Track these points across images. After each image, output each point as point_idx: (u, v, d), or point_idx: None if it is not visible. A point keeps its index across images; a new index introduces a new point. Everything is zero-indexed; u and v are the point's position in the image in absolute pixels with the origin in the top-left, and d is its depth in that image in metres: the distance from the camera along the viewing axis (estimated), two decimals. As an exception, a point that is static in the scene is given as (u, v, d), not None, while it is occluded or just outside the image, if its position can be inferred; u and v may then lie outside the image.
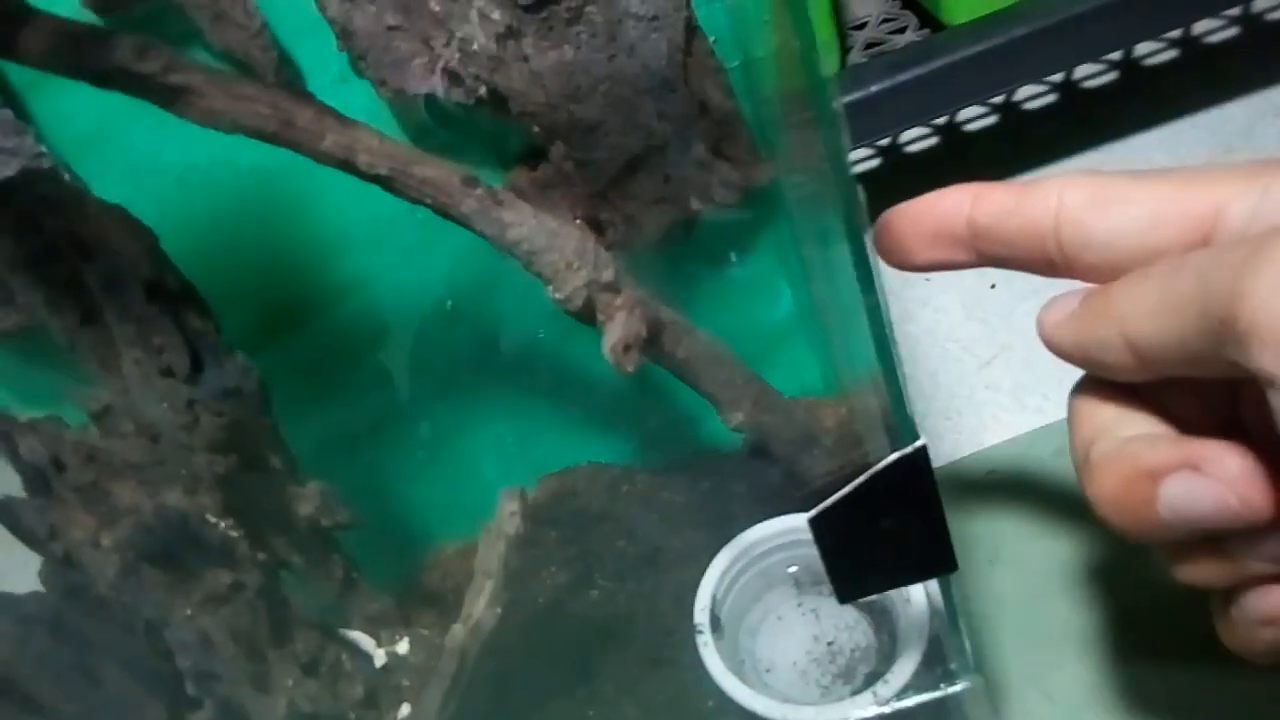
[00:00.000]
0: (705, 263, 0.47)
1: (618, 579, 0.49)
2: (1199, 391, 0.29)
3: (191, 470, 0.38)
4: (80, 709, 0.37)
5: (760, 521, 0.48)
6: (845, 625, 0.47)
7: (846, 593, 0.36)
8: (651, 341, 0.39)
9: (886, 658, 0.44)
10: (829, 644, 0.46)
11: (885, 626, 0.46)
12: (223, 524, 0.40)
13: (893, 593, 0.45)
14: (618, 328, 0.36)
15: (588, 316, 0.38)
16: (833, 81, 0.26)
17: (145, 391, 0.36)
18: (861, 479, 0.33)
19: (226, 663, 0.40)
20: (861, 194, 0.28)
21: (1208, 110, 0.77)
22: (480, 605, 0.39)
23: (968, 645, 0.39)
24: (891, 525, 0.34)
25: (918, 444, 0.32)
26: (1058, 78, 0.76)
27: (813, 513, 0.33)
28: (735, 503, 0.50)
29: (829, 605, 0.48)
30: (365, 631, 0.49)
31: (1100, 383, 0.30)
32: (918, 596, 0.43)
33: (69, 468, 0.39)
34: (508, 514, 0.39)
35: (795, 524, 0.47)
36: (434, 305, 0.48)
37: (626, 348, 0.35)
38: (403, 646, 0.50)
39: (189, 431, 0.37)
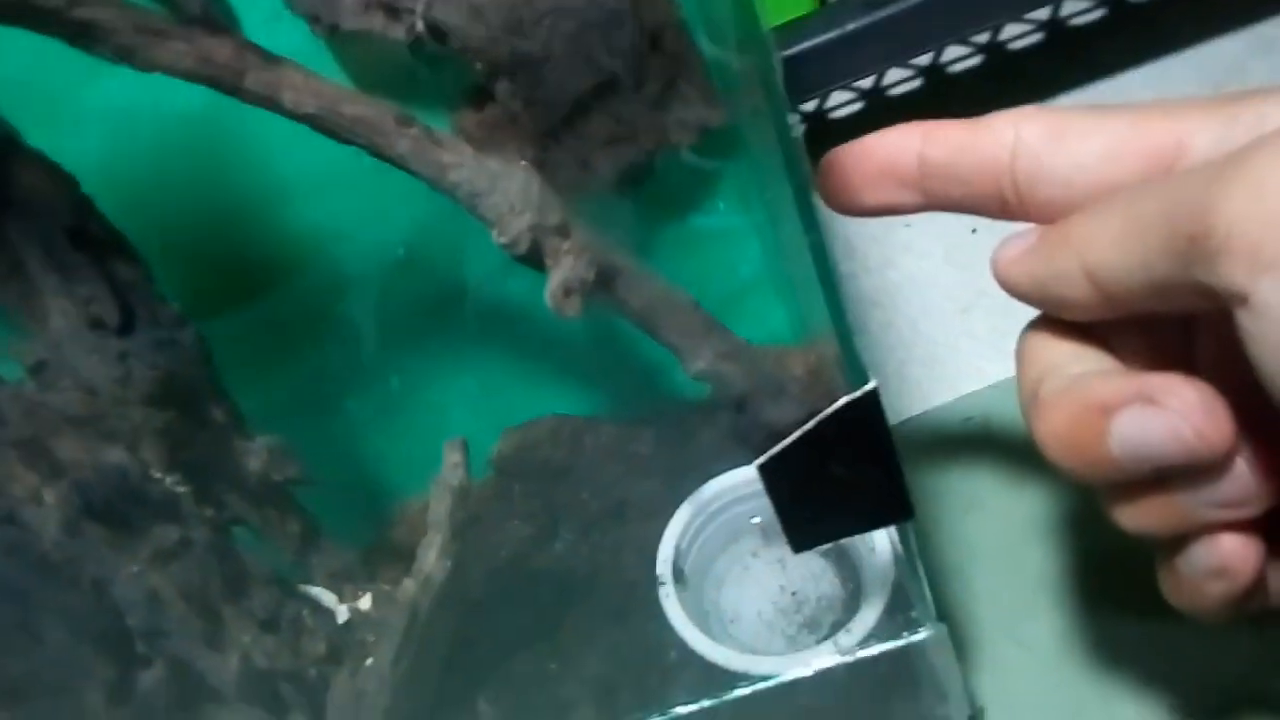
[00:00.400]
0: (666, 208, 0.46)
1: (581, 532, 0.48)
2: (1154, 332, 0.28)
3: (131, 425, 0.37)
4: (24, 669, 0.37)
5: (725, 472, 0.47)
6: (811, 575, 0.46)
7: (800, 541, 0.35)
8: (605, 287, 0.38)
9: (852, 607, 0.44)
10: (794, 594, 0.46)
11: (851, 576, 0.46)
12: (167, 479, 0.39)
13: (858, 541, 0.44)
14: (561, 271, 0.35)
15: (535, 261, 0.36)
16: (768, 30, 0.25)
17: (76, 344, 0.35)
18: (810, 424, 0.32)
19: (177, 620, 0.40)
20: (799, 127, 0.27)
21: (1197, 46, 0.75)
22: (430, 559, 0.39)
23: (928, 594, 0.38)
24: (845, 471, 0.33)
25: (868, 387, 0.31)
26: (1043, 14, 0.74)
27: (761, 459, 0.32)
28: (700, 454, 0.49)
29: (795, 556, 0.47)
30: (327, 588, 0.48)
31: (1053, 321, 0.29)
32: (882, 545, 0.43)
33: (8, 422, 0.38)
34: (451, 465, 0.38)
35: (751, 474, 0.46)
36: (388, 255, 0.46)
37: (568, 292, 0.33)
38: (365, 602, 0.49)
39: (123, 385, 0.36)
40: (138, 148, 0.40)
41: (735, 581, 0.47)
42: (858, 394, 0.31)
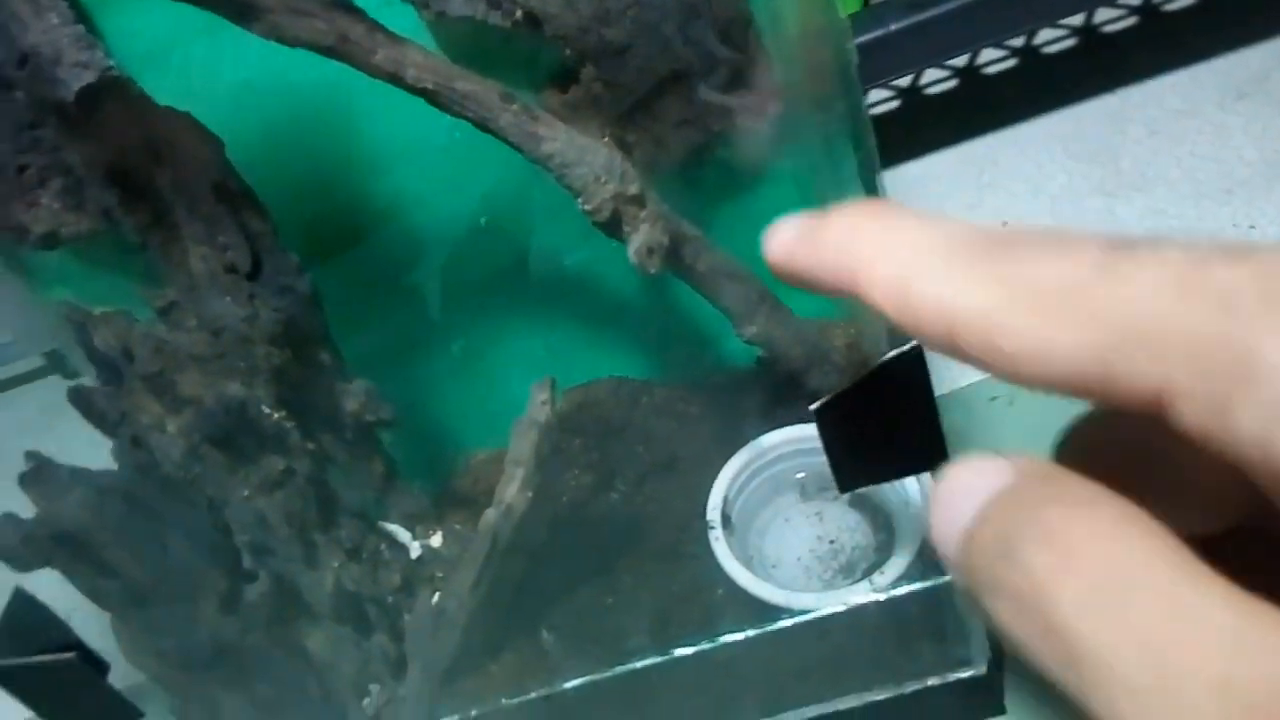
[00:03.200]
0: (727, 186, 0.50)
1: (636, 482, 0.52)
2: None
3: (250, 363, 0.42)
4: (149, 574, 0.41)
5: (770, 431, 0.51)
6: (847, 526, 0.50)
7: (846, 483, 0.39)
8: (673, 253, 0.42)
9: (885, 556, 0.48)
10: (831, 543, 0.50)
11: (884, 527, 0.50)
12: (277, 414, 0.43)
13: (892, 495, 0.48)
14: (641, 235, 0.39)
15: (614, 228, 0.41)
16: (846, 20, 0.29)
17: (210, 286, 0.40)
18: (863, 375, 0.36)
19: (279, 542, 0.44)
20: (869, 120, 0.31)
21: (1224, 56, 0.78)
22: (512, 490, 0.43)
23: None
24: (890, 420, 0.37)
25: (914, 343, 0.35)
26: (1077, 21, 0.78)
27: (816, 404, 0.36)
28: (747, 414, 0.53)
29: (833, 509, 0.52)
30: (402, 525, 0.53)
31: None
32: (915, 497, 0.47)
33: (138, 358, 0.42)
34: (539, 403, 0.42)
35: (804, 433, 0.51)
36: (470, 222, 0.51)
37: (650, 251, 0.38)
38: (436, 540, 0.54)
39: (249, 325, 0.40)
40: (259, 116, 0.45)
41: (777, 531, 0.51)
42: (905, 348, 0.35)
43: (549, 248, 0.52)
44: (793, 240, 0.19)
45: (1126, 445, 0.18)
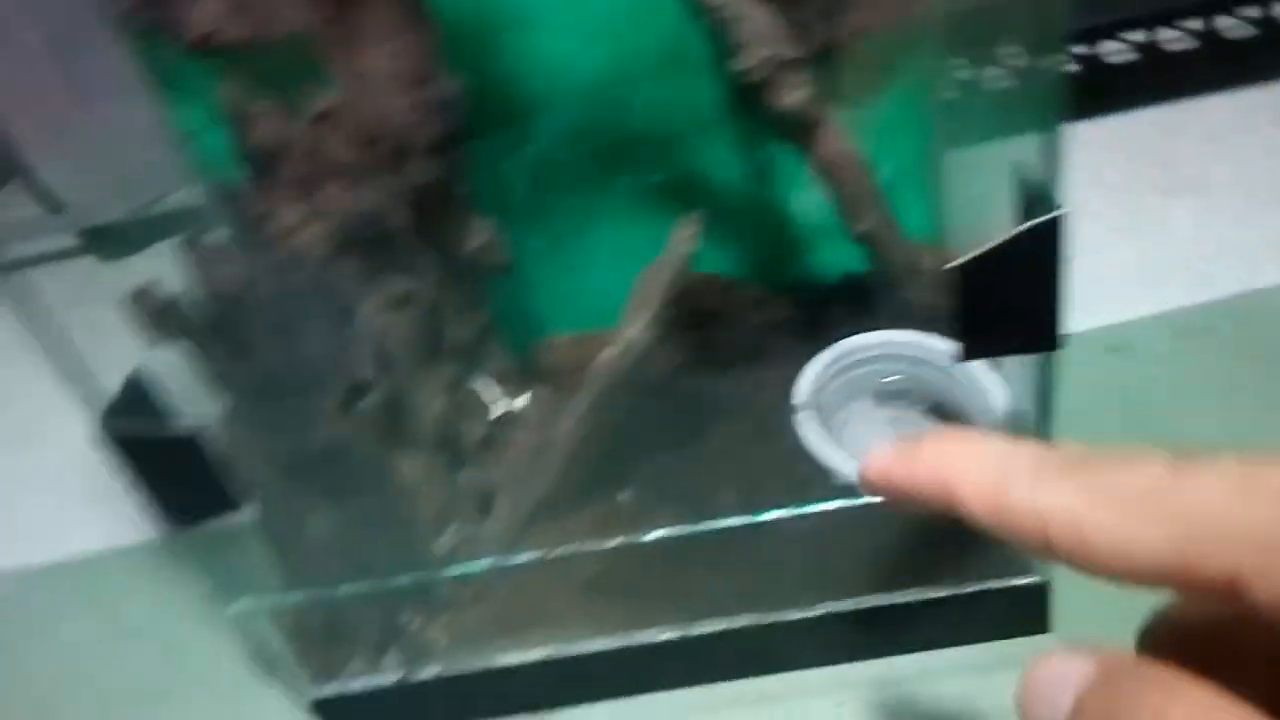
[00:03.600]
0: (853, 84, 0.52)
1: (723, 367, 0.54)
2: None
3: (397, 179, 0.43)
4: (281, 358, 0.43)
5: (856, 335, 0.53)
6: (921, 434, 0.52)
7: (968, 353, 0.41)
8: (809, 129, 0.44)
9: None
10: (907, 443, 0.52)
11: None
12: (411, 236, 0.45)
13: (971, 405, 0.51)
14: (790, 100, 0.41)
15: (762, 92, 0.43)
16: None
17: (379, 90, 0.41)
18: (1003, 238, 0.38)
19: (394, 361, 0.46)
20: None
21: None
22: (635, 329, 0.45)
23: (1050, 435, 0.44)
24: (1014, 294, 0.40)
25: (1058, 210, 0.37)
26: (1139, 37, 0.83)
27: (954, 262, 0.38)
28: (832, 322, 0.55)
29: (908, 416, 0.54)
30: (491, 382, 0.55)
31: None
32: (996, 402, 0.49)
33: (290, 158, 0.44)
34: (684, 238, 0.44)
35: (886, 339, 0.53)
36: (594, 95, 0.52)
37: (793, 121, 0.40)
38: (521, 401, 0.55)
39: (407, 136, 0.42)
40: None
41: (851, 431, 0.53)
42: (1047, 216, 0.37)
43: (665, 134, 0.54)
44: (889, 462, 0.24)
45: (1200, 635, 0.21)
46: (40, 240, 1.12)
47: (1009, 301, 0.40)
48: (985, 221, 0.47)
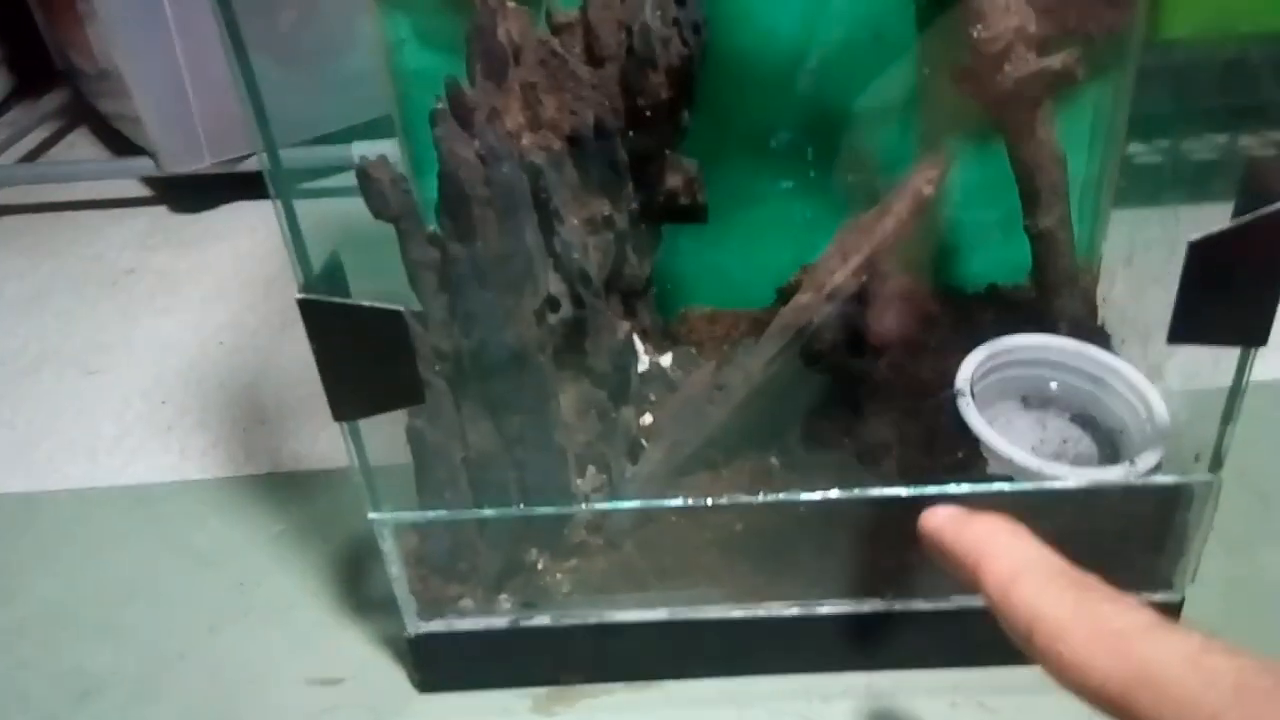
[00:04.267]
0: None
1: (879, 350, 0.54)
2: None
3: (638, 93, 0.43)
4: (501, 247, 0.42)
5: (1011, 335, 0.54)
6: (1070, 438, 0.53)
7: (1178, 333, 0.41)
8: (1027, 112, 0.45)
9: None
10: (1060, 444, 0.52)
11: (1106, 442, 0.52)
12: (620, 158, 0.45)
13: (1125, 410, 0.51)
14: (1024, 69, 0.42)
15: (998, 61, 0.44)
16: None
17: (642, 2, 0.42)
18: (1247, 218, 0.39)
19: (590, 281, 0.45)
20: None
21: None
22: (847, 269, 0.45)
23: (1225, 445, 0.44)
24: (1240, 279, 0.40)
25: (1303, 198, 0.38)
26: None
27: (1194, 237, 0.39)
28: (986, 319, 0.55)
29: (1055, 421, 0.54)
30: (639, 337, 0.54)
31: None
32: (1160, 412, 0.49)
33: (524, 64, 0.44)
34: (928, 178, 0.44)
35: (1045, 342, 0.53)
36: (803, 65, 0.53)
37: (1023, 94, 0.40)
38: (666, 359, 0.55)
39: (665, 46, 0.42)
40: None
41: (1002, 426, 0.53)
42: (1288, 203, 0.38)
43: (853, 117, 0.55)
44: (947, 519, 0.30)
45: None
46: (107, 184, 1.11)
47: (1231, 287, 0.40)
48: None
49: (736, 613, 0.51)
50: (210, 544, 0.67)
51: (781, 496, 0.46)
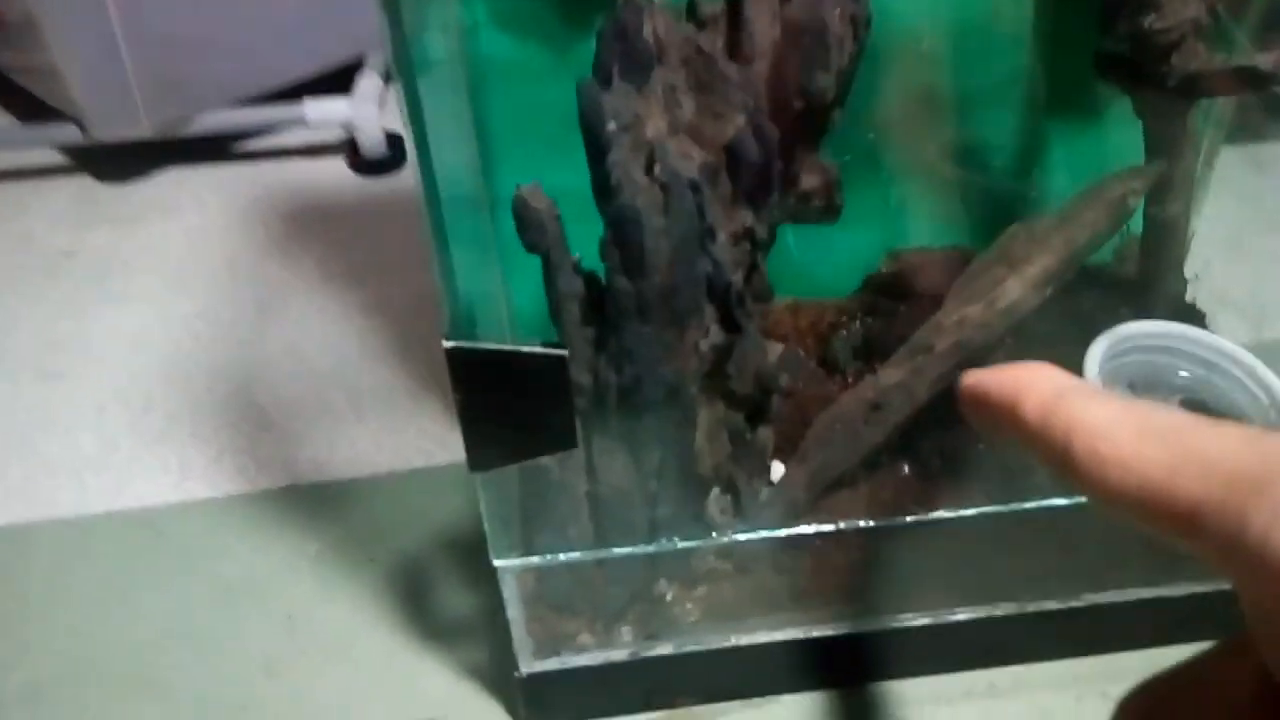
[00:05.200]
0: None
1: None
2: None
3: (809, 95, 0.39)
4: (671, 279, 0.38)
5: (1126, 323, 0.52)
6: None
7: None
8: (1187, 101, 0.43)
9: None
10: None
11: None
12: (779, 167, 0.41)
13: (1248, 403, 0.50)
14: (1194, 63, 0.40)
15: (1165, 53, 0.41)
16: None
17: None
18: None
19: (741, 299, 0.41)
20: None
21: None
22: (1022, 285, 0.42)
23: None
24: None
25: None
26: None
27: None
28: (1091, 305, 0.54)
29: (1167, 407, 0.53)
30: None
31: None
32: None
33: (667, 63, 0.39)
34: (1127, 188, 0.41)
35: (1145, 330, 0.52)
36: (903, 41, 0.50)
37: (1193, 89, 0.38)
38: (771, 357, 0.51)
39: (840, 45, 0.38)
40: None
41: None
42: None
43: (951, 98, 0.52)
44: (985, 374, 0.25)
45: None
46: (22, 153, 0.99)
47: None
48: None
49: (866, 627, 0.49)
50: (242, 573, 0.61)
51: (932, 516, 0.44)
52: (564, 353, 0.36)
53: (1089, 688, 0.52)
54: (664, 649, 0.49)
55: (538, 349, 0.36)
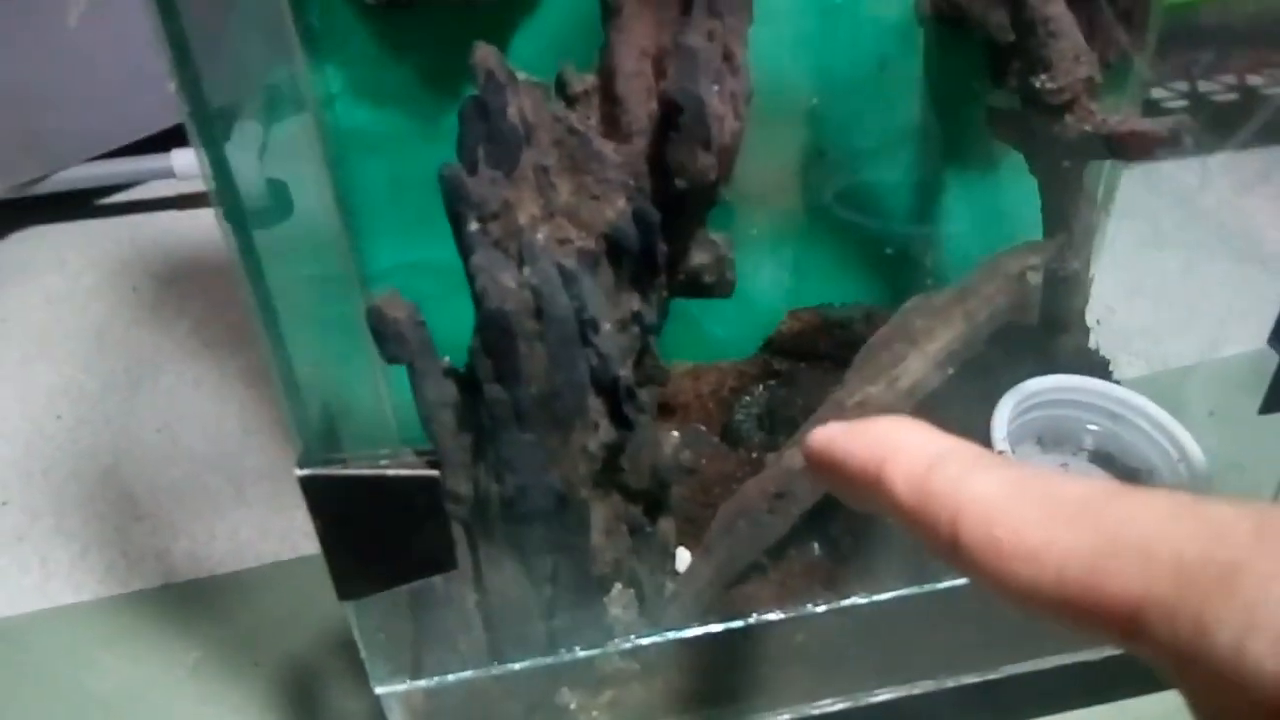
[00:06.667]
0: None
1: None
2: None
3: (689, 174, 0.36)
4: (550, 384, 0.35)
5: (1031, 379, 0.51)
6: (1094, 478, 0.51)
7: (1268, 406, 0.39)
8: (1081, 158, 0.42)
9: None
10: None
11: (1133, 483, 0.50)
12: (664, 250, 0.38)
13: (1158, 457, 0.49)
14: (1084, 123, 0.38)
15: (1054, 112, 0.40)
16: None
17: (689, 70, 0.34)
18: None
19: (631, 391, 0.39)
20: None
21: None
22: (924, 363, 0.40)
23: None
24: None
25: None
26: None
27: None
28: (997, 361, 0.52)
29: (1076, 462, 0.52)
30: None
31: None
32: (1195, 454, 0.48)
33: (537, 144, 0.36)
34: (1023, 263, 0.39)
35: (1064, 383, 0.51)
36: (791, 101, 0.48)
37: (1093, 144, 0.37)
38: (673, 438, 0.49)
39: (720, 124, 0.35)
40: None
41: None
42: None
43: (840, 157, 0.50)
44: (836, 433, 0.21)
45: None
46: None
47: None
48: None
49: (783, 717, 0.46)
50: (110, 687, 0.56)
51: (848, 603, 0.42)
52: (435, 474, 0.32)
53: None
54: (574, 757, 0.45)
55: (405, 471, 0.32)
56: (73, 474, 0.68)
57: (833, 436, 0.21)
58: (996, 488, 0.18)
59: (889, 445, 0.20)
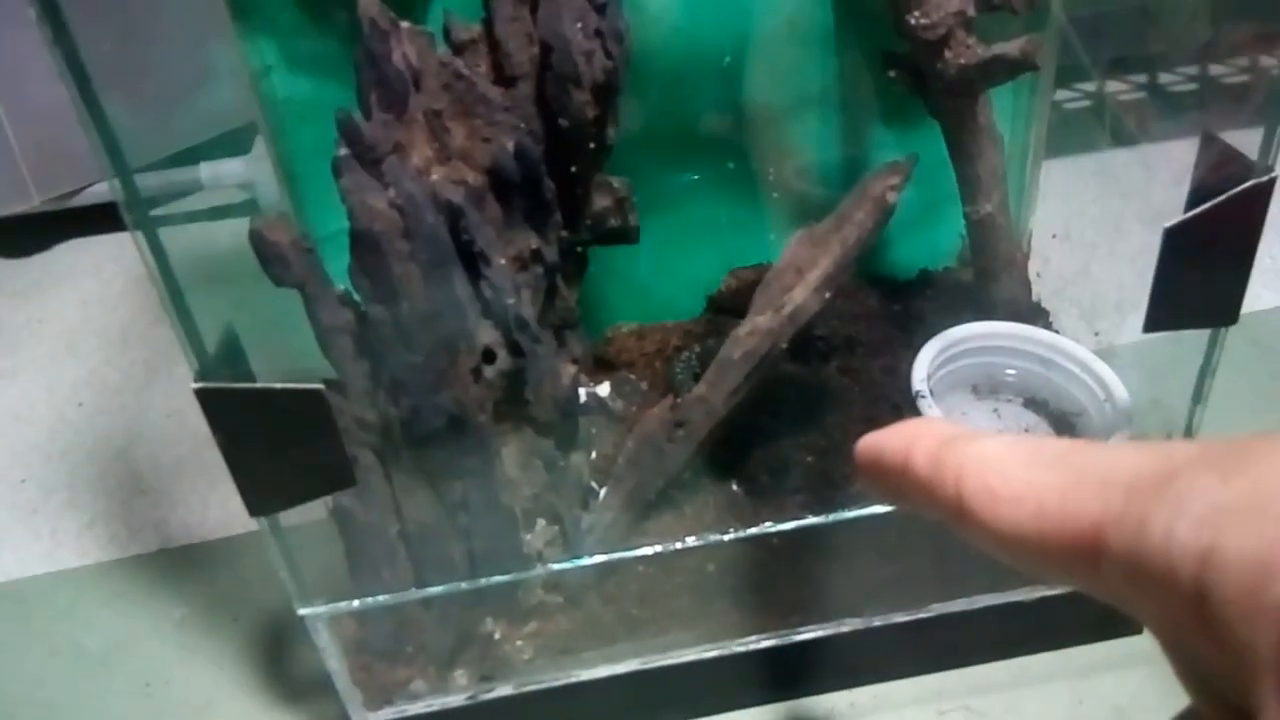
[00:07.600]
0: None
1: (824, 357, 0.51)
2: None
3: (567, 113, 0.39)
4: (428, 304, 0.37)
5: (959, 325, 0.52)
6: (1028, 424, 0.51)
7: (1153, 323, 0.40)
8: (969, 97, 0.43)
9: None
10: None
11: (1066, 428, 0.50)
12: (550, 186, 0.41)
13: (1086, 399, 0.50)
14: (962, 59, 0.39)
15: (934, 50, 0.41)
16: None
17: (555, 15, 0.37)
18: (1221, 198, 0.37)
19: (526, 325, 0.41)
20: None
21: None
22: (803, 291, 0.41)
23: (1198, 420, 0.43)
24: (1211, 259, 0.39)
25: (1272, 175, 0.37)
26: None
27: (1171, 223, 0.37)
28: (922, 310, 0.53)
29: (1009, 408, 0.52)
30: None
31: None
32: (1120, 394, 0.48)
33: (426, 90, 0.39)
34: (885, 186, 0.41)
35: (986, 331, 0.51)
36: (712, 60, 0.49)
37: (958, 84, 0.38)
38: (604, 389, 0.51)
39: (587, 60, 0.38)
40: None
41: (958, 420, 0.51)
42: (1262, 179, 0.36)
43: (767, 112, 0.52)
44: (877, 435, 0.25)
45: None
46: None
47: (1202, 269, 0.39)
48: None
49: (709, 653, 0.48)
50: (103, 642, 0.59)
51: (754, 531, 0.43)
52: (319, 386, 0.35)
53: (952, 702, 0.51)
54: (503, 690, 0.47)
55: (291, 385, 0.35)
56: (88, 455, 0.73)
57: (874, 438, 0.25)
58: (994, 448, 0.21)
59: (915, 435, 0.24)
